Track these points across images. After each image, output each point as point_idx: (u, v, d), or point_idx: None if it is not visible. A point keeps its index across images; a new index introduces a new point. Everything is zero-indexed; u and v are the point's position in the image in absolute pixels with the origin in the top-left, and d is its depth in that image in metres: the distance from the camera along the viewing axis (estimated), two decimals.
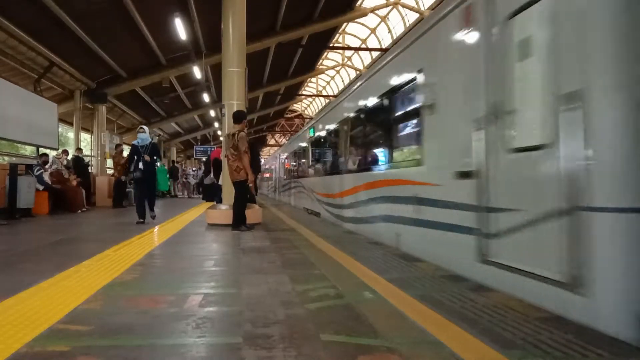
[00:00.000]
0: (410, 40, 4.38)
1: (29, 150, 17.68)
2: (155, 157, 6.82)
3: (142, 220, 6.65)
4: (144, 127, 7.05)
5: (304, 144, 11.24)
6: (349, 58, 27.53)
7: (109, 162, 14.44)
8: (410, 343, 1.77)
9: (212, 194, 10.61)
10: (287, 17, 14.31)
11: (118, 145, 11.91)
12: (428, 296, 2.47)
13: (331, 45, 20.78)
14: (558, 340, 1.81)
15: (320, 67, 27.11)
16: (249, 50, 8.34)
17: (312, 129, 10.10)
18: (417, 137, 4.21)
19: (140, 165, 6.60)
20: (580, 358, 1.64)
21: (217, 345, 1.76)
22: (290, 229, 6.01)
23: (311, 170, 10.30)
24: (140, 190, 6.89)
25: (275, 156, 19.64)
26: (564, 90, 2.22)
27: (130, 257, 3.70)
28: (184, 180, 18.88)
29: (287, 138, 34.54)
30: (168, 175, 17.61)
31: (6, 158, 11.51)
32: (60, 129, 14.11)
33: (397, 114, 4.89)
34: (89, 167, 12.61)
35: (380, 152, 5.66)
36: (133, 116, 20.06)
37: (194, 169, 21.34)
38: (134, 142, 6.83)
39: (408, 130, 4.71)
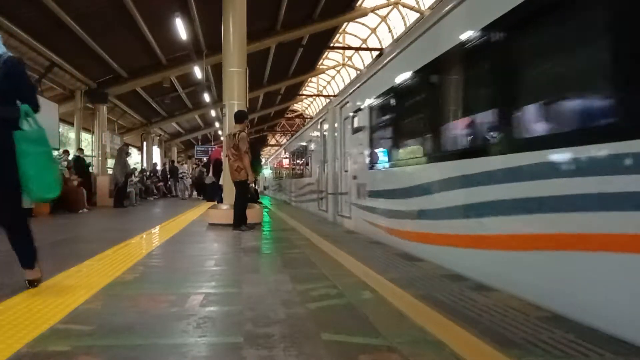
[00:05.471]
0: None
1: None
2: (18, 101, 2.44)
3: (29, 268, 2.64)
4: None
5: None
6: (350, 58, 27.52)
7: (110, 162, 14.45)
8: (411, 342, 1.77)
9: (212, 193, 10.63)
10: (288, 17, 14.29)
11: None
12: (429, 295, 2.46)
13: (332, 45, 20.75)
14: (558, 339, 1.80)
15: (321, 66, 27.06)
16: (249, 50, 8.32)
17: None
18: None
19: None
20: (581, 357, 1.64)
21: (218, 345, 1.76)
22: (290, 229, 6.01)
23: None
24: None
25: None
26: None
27: (131, 257, 3.70)
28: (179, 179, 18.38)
29: (288, 138, 34.37)
30: (143, 172, 16.96)
31: None
32: (61, 129, 14.12)
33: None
34: (90, 167, 12.60)
35: None
36: (134, 116, 20.05)
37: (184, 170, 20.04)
38: None
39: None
